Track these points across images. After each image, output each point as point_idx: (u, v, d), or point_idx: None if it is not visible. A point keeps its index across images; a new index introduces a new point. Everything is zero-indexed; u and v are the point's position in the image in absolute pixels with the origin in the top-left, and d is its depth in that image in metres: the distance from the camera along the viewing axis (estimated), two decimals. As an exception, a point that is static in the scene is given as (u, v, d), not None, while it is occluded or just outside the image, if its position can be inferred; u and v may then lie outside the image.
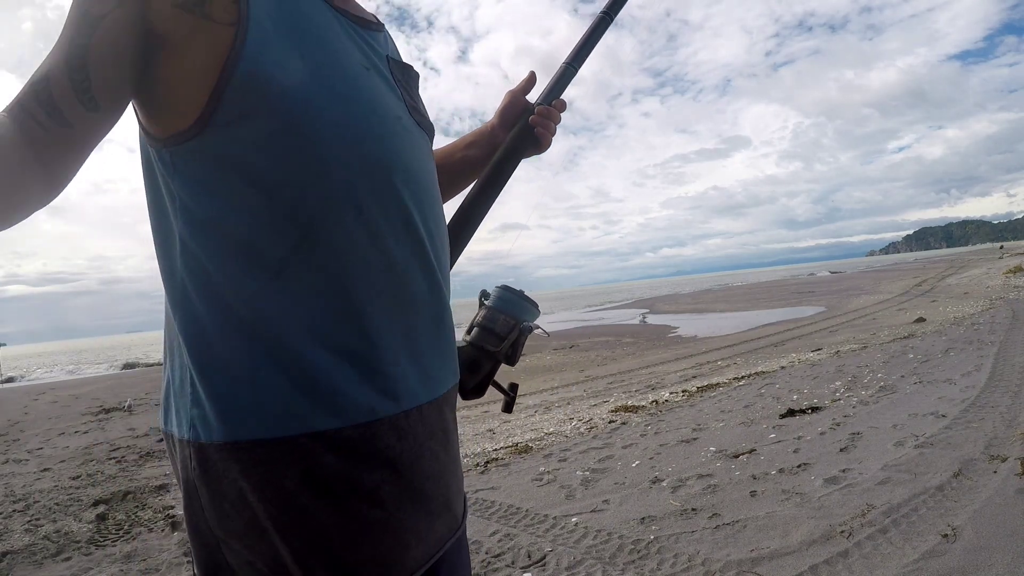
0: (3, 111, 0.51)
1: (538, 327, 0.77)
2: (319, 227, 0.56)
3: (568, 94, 0.99)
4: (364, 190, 0.58)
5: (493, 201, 0.82)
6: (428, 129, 0.72)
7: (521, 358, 0.77)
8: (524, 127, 0.88)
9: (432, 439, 0.63)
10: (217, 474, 0.54)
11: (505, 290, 0.74)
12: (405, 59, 0.75)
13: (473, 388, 0.74)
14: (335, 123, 0.57)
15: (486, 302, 0.75)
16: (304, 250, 0.55)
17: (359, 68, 0.62)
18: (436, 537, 0.63)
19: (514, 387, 0.79)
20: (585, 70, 1.03)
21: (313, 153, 0.56)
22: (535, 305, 0.77)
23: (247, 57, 0.53)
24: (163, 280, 0.60)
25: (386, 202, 0.60)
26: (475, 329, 0.73)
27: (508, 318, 0.73)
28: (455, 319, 0.69)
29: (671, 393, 5.87)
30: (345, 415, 0.56)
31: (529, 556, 2.40)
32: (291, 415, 0.54)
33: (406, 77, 0.71)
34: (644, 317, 20.59)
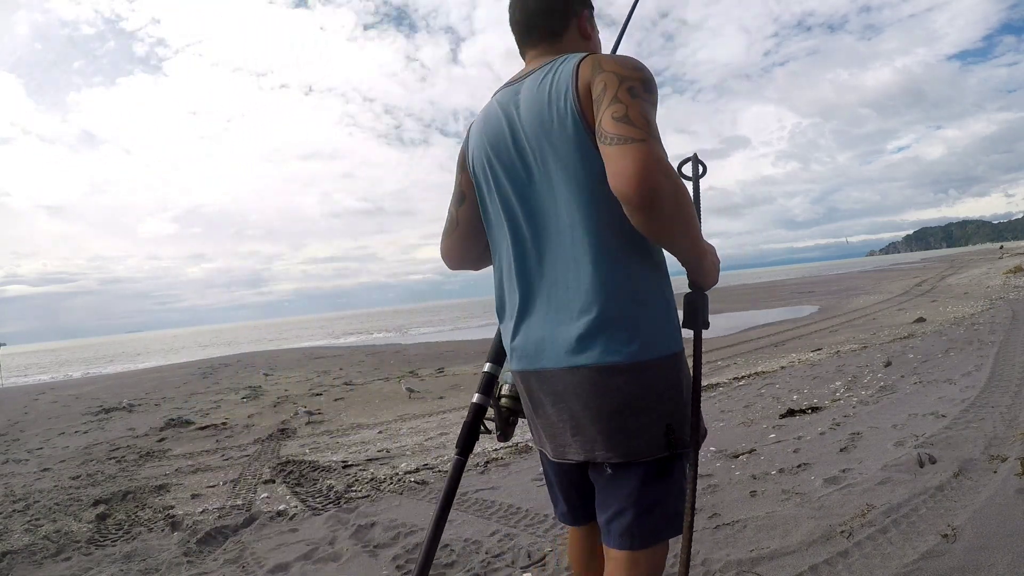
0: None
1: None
2: None
3: None
4: None
5: None
6: None
7: None
8: None
9: None
10: (665, 373, 1.08)
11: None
12: (403, 58, 0.90)
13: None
14: None
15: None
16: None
17: None
18: None
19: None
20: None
21: None
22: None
23: None
24: (614, 263, 1.05)
25: None
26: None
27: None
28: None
29: (671, 393, 5.86)
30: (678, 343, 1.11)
31: (529, 556, 2.40)
32: (676, 338, 1.10)
33: None
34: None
